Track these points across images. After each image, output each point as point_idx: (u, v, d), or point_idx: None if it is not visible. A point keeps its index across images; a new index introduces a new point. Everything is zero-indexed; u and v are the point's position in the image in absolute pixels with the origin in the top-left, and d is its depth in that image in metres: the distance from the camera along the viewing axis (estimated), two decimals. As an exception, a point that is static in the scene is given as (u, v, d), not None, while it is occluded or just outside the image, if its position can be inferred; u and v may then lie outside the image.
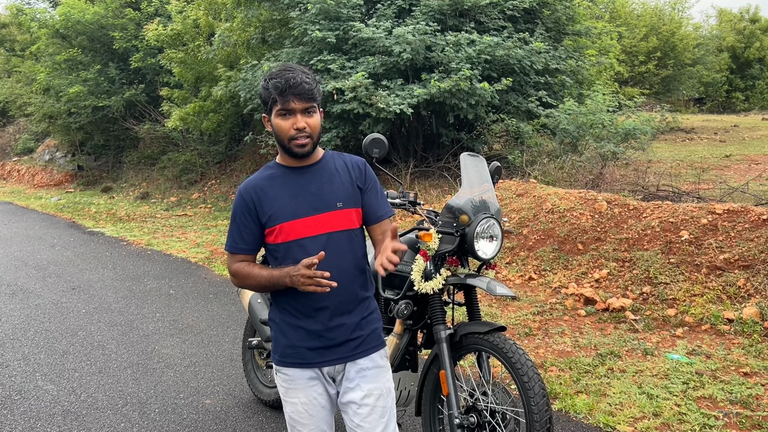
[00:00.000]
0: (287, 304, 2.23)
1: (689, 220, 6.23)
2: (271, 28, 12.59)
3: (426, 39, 10.09)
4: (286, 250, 2.18)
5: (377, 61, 10.26)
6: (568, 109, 10.31)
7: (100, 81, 17.44)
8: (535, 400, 2.62)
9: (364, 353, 2.28)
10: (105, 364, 4.78)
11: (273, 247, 2.23)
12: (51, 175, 21.19)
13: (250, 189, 2.22)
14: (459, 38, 10.22)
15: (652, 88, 22.52)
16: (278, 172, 2.25)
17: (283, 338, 2.25)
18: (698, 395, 3.92)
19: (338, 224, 2.21)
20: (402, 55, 9.96)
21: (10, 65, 25.34)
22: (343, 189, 2.24)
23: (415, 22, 10.35)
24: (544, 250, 6.98)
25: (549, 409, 2.64)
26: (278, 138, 2.19)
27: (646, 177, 9.81)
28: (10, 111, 24.60)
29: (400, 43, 9.99)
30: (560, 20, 11.74)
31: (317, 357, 2.23)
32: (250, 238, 2.23)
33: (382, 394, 2.29)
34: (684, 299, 5.47)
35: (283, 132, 2.16)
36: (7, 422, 3.86)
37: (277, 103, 2.13)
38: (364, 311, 2.29)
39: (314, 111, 2.16)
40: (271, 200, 2.19)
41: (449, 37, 10.26)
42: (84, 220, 13.07)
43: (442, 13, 10.87)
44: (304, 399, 2.24)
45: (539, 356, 4.71)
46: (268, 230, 2.20)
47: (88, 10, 17.26)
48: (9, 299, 6.74)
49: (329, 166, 2.27)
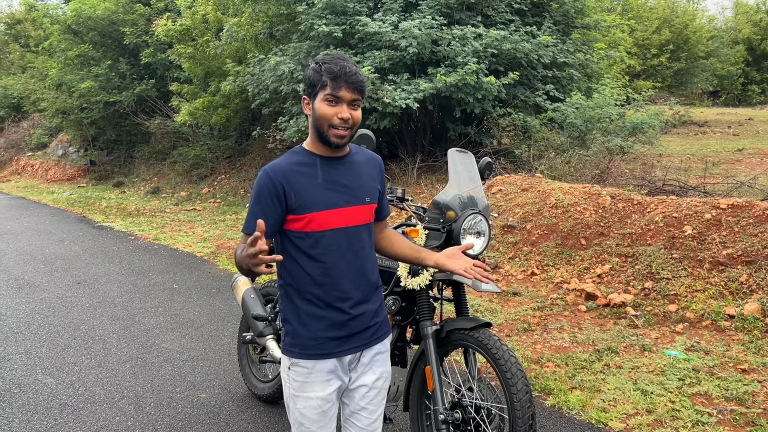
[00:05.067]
0: (311, 295, 2.17)
1: (693, 215, 6.18)
2: (279, 22, 12.60)
3: (432, 33, 10.06)
4: (317, 240, 2.15)
5: (383, 56, 10.25)
6: (575, 103, 10.24)
7: (111, 76, 17.58)
8: (518, 396, 2.62)
9: (380, 339, 2.34)
10: (104, 358, 4.83)
11: (300, 234, 2.15)
12: (64, 170, 21.39)
13: (280, 173, 2.12)
14: (465, 32, 10.17)
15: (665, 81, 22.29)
16: (309, 160, 2.18)
17: (304, 330, 2.19)
18: (693, 392, 3.89)
19: (364, 218, 2.25)
20: (408, 49, 9.94)
21: (25, 61, 25.60)
22: (369, 184, 2.27)
23: (421, 16, 10.32)
24: (547, 245, 6.95)
25: (532, 406, 2.64)
26: (318, 123, 2.14)
27: (653, 171, 9.73)
28: (25, 106, 24.86)
29: (407, 38, 9.96)
30: (569, 13, 11.65)
31: (341, 346, 2.22)
32: (273, 221, 2.12)
33: (387, 378, 2.39)
34: (685, 295, 5.43)
35: (325, 118, 2.12)
36: (5, 415, 3.90)
37: (327, 87, 2.11)
38: (379, 299, 2.34)
39: (359, 105, 2.16)
40: (304, 187, 2.13)
41: (456, 31, 10.21)
42: (94, 215, 13.19)
43: (449, 7, 10.83)
44: (320, 393, 2.20)
45: (536, 352, 4.69)
46: (295, 217, 2.13)
47: (99, 5, 17.38)
48: (15, 293, 6.81)
49: (357, 159, 2.29)
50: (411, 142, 11.98)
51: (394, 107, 9.72)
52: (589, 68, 11.75)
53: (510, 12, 11.13)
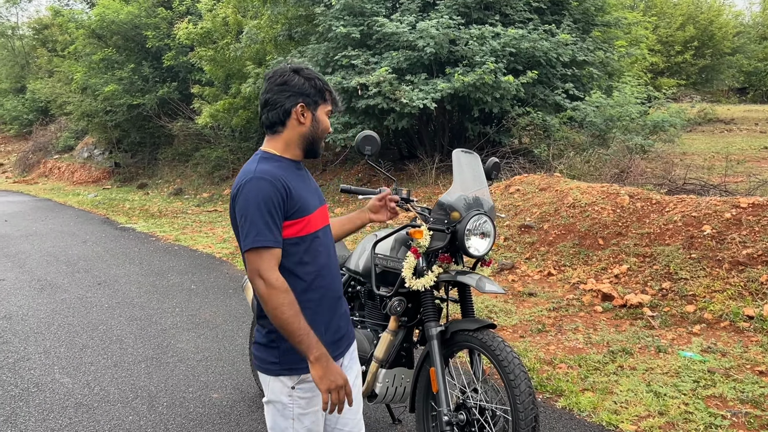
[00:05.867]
0: (309, 302, 2.12)
1: (712, 215, 6.08)
2: (298, 24, 12.66)
3: (450, 33, 10.04)
4: (311, 242, 2.13)
5: (401, 56, 10.25)
6: (595, 102, 10.14)
7: (134, 79, 17.81)
8: (521, 397, 2.60)
9: (354, 336, 2.38)
10: (121, 358, 4.89)
11: (295, 240, 2.09)
12: (89, 172, 21.70)
13: (279, 178, 2.05)
14: (483, 31, 10.13)
15: (689, 79, 21.95)
16: (287, 164, 2.15)
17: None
18: (708, 394, 3.83)
19: (328, 217, 2.28)
20: (426, 49, 9.92)
21: (52, 65, 26.06)
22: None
23: (439, 16, 10.30)
24: (564, 245, 6.89)
25: (535, 407, 2.62)
26: (316, 133, 2.18)
27: (674, 170, 9.59)
28: (52, 110, 25.27)
29: (424, 38, 9.95)
30: (589, 11, 11.54)
31: (336, 350, 2.20)
32: (279, 231, 2.04)
33: (359, 374, 2.43)
34: (704, 295, 5.35)
35: (325, 131, 2.21)
36: (22, 414, 3.98)
37: (328, 102, 2.20)
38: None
39: None
40: (298, 191, 2.10)
41: (473, 31, 10.18)
42: (117, 216, 13.37)
43: (467, 6, 10.79)
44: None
45: (549, 353, 4.66)
46: (292, 222, 2.08)
47: (122, 10, 17.62)
48: (38, 294, 6.94)
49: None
50: (430, 143, 11.96)
51: (412, 107, 9.72)
52: (609, 66, 11.62)
53: (528, 10, 11.06)
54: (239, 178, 2.08)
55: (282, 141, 2.16)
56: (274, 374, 2.12)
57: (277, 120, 2.14)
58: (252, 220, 1.99)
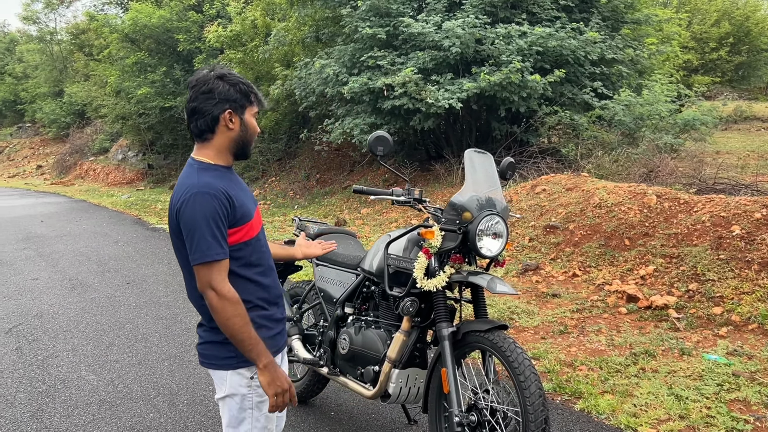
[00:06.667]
0: (260, 300, 2.22)
1: (742, 215, 5.95)
2: (325, 26, 12.74)
3: (476, 32, 9.99)
4: (254, 245, 2.21)
5: (427, 56, 10.24)
6: (624, 100, 10.00)
7: (166, 82, 18.12)
8: (531, 399, 2.58)
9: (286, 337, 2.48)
10: (145, 356, 4.98)
11: (239, 246, 2.15)
12: (123, 174, 22.13)
13: (221, 190, 2.08)
14: (510, 30, 10.07)
15: (725, 76, 21.48)
16: (222, 173, 2.18)
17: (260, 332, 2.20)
18: (731, 398, 3.75)
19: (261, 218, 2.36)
20: (451, 49, 9.90)
21: (89, 69, 26.63)
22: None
23: (465, 16, 10.26)
24: (590, 246, 6.80)
25: (545, 410, 2.59)
26: (247, 137, 2.22)
27: (704, 169, 9.40)
28: (88, 113, 25.84)
29: (450, 38, 9.93)
30: (618, 8, 11.37)
31: (282, 340, 2.35)
32: (226, 242, 2.09)
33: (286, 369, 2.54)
34: (732, 297, 5.24)
35: (254, 132, 2.25)
36: (48, 410, 4.07)
37: (254, 105, 2.23)
38: None
39: None
40: (240, 200, 2.15)
41: (500, 30, 10.12)
42: (149, 217, 13.60)
43: (494, 5, 10.73)
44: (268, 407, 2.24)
45: (570, 354, 4.61)
46: (237, 229, 2.13)
47: (154, 14, 17.93)
48: (69, 293, 7.09)
49: None
50: (457, 143, 11.92)
51: (438, 107, 9.70)
52: (639, 64, 11.44)
53: (556, 8, 10.95)
54: (181, 191, 2.10)
55: (213, 148, 2.19)
56: (232, 368, 2.19)
57: (206, 128, 2.16)
58: (201, 235, 2.04)
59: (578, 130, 10.39)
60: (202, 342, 2.24)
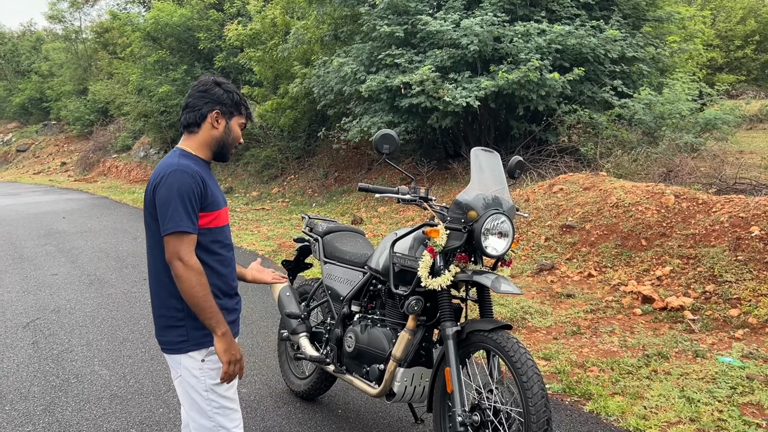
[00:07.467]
0: (213, 287, 2.33)
1: (761, 215, 5.85)
2: (343, 24, 12.74)
3: (494, 30, 9.92)
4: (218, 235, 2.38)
5: (445, 54, 10.19)
6: (644, 99, 9.87)
7: (187, 80, 18.24)
8: (533, 400, 2.56)
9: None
10: (157, 352, 5.02)
11: (203, 231, 2.31)
12: (145, 171, 22.33)
13: (197, 173, 2.28)
14: (528, 28, 9.98)
15: (750, 75, 21.08)
16: (201, 163, 2.38)
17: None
18: (744, 401, 3.69)
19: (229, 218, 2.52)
20: (469, 47, 9.84)
21: (112, 67, 26.92)
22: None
23: (483, 13, 10.19)
24: (606, 246, 6.73)
25: (548, 410, 2.57)
26: (228, 141, 2.43)
27: (725, 169, 9.25)
28: (111, 110, 26.12)
29: (468, 35, 9.87)
30: (639, 6, 11.21)
31: (235, 329, 2.47)
32: (197, 219, 2.28)
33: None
34: (749, 299, 5.15)
35: (236, 140, 2.48)
36: (60, 403, 4.13)
37: (243, 116, 2.47)
38: None
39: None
40: (212, 188, 2.35)
41: (518, 28, 10.03)
42: (169, 214, 13.70)
43: (512, 3, 10.65)
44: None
45: (582, 355, 4.56)
46: (206, 214, 2.31)
47: (175, 12, 18.07)
48: (86, 288, 7.18)
49: None
50: (475, 141, 11.84)
51: (455, 106, 9.65)
52: (660, 62, 11.28)
53: (576, 6, 10.83)
54: (161, 170, 2.29)
55: (196, 141, 2.40)
56: (184, 351, 2.34)
57: (193, 121, 2.38)
58: (174, 208, 2.22)
59: (598, 128, 10.28)
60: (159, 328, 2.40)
